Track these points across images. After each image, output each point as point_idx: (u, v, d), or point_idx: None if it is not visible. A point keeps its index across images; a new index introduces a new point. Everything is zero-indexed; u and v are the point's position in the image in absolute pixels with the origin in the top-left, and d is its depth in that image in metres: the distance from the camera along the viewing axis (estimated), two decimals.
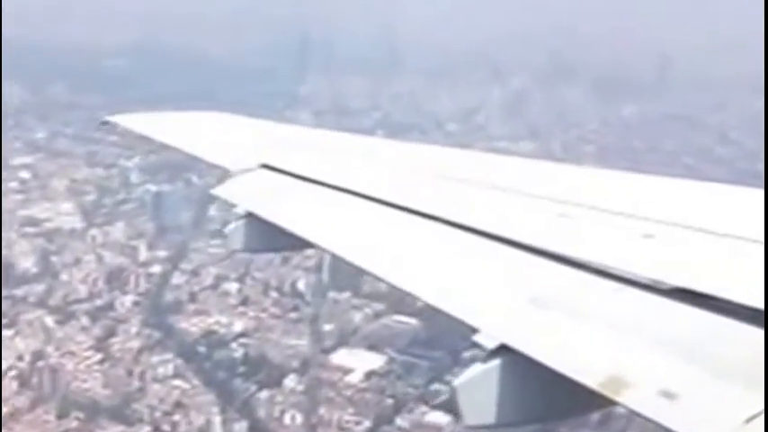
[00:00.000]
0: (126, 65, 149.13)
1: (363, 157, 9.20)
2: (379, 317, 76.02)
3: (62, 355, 68.44)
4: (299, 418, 65.08)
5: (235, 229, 8.17)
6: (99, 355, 68.72)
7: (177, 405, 64.97)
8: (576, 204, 6.33)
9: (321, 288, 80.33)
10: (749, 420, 3.65)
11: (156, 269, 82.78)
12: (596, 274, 5.04)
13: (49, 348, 69.13)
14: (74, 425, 61.26)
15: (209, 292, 79.87)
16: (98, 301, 75.97)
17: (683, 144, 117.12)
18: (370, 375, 69.11)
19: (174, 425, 62.74)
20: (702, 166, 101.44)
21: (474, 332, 4.75)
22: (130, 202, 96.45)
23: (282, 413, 65.50)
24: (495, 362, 4.67)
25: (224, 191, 9.04)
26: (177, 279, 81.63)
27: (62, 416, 61.76)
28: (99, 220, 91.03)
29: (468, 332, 4.57)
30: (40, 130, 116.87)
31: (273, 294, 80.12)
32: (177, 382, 66.95)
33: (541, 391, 4.63)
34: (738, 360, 3.96)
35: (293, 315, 77.79)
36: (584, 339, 4.56)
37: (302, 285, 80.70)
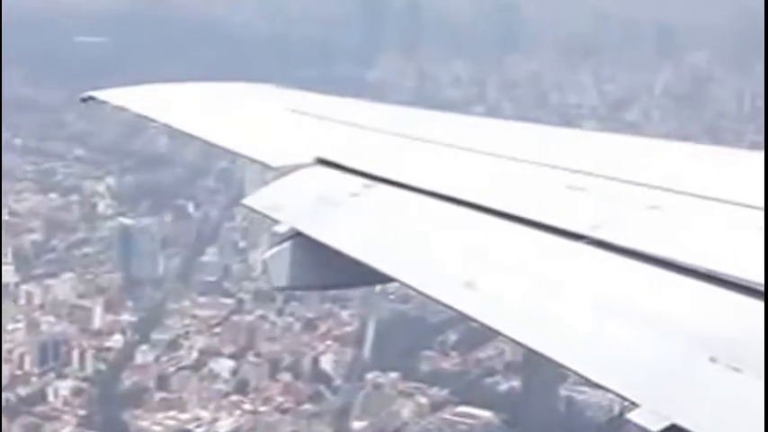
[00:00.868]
0: (104, 43, 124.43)
1: (462, 146, 7.01)
2: (438, 408, 63.27)
3: None
4: None
5: (279, 256, 6.16)
6: None
7: None
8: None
9: (357, 366, 68.36)
10: None
11: (116, 341, 69.24)
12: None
13: None
14: None
15: (188, 375, 66.31)
16: (23, 389, 62.27)
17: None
18: None
19: None
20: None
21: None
22: (91, 243, 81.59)
23: None
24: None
25: (260, 200, 6.83)
26: (144, 356, 68.33)
27: None
28: (39, 270, 75.78)
29: None
30: None
31: (285, 377, 66.46)
32: None
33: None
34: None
35: (311, 407, 63.96)
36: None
37: (328, 363, 68.30)
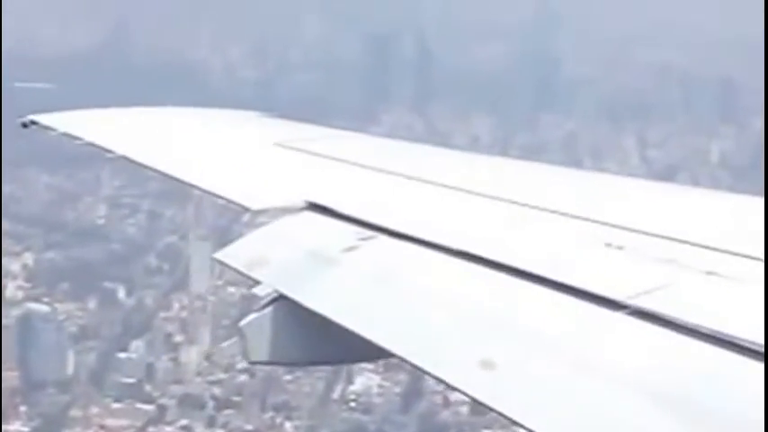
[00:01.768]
0: (50, 90, 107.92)
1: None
2: None
3: None
4: None
5: (257, 324, 5.48)
6: None
7: None
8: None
9: None
10: None
11: None
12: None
13: None
14: None
15: None
16: None
17: None
18: None
19: None
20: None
21: None
22: None
23: None
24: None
25: (236, 254, 6.12)
26: None
27: None
28: None
29: None
30: None
31: None
32: None
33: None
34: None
35: None
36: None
37: None
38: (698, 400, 3.58)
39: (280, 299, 5.34)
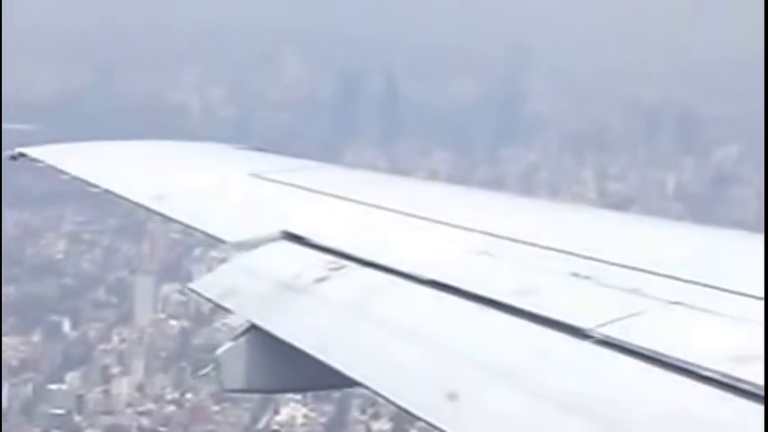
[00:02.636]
0: (34, 131, 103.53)
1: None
2: None
3: None
4: None
5: (232, 353, 5.71)
6: None
7: None
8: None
9: None
10: None
11: None
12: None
13: None
14: None
15: None
16: None
17: None
18: None
19: None
20: None
21: None
22: None
23: None
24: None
25: (211, 284, 6.26)
26: None
27: None
28: None
29: None
30: None
31: None
32: None
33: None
34: None
35: None
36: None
37: None
38: (660, 429, 3.59)
39: (253, 329, 5.47)
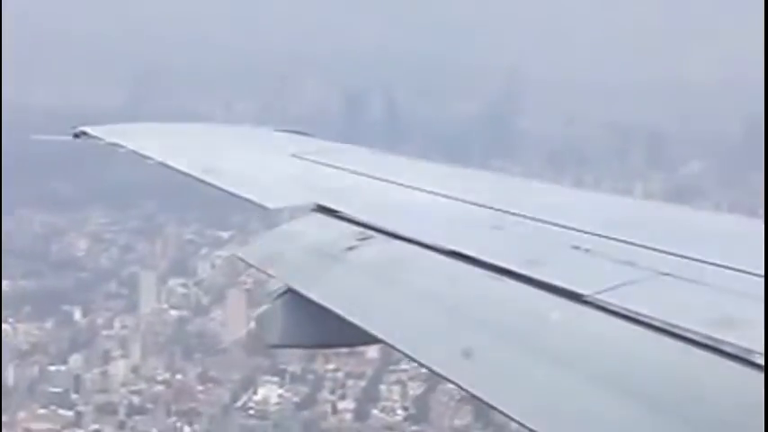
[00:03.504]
0: (68, 142, 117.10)
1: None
2: None
3: None
4: None
5: (270, 313, 6.15)
6: None
7: None
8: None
9: None
10: None
11: None
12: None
13: None
14: None
15: None
16: None
17: None
18: None
19: None
20: None
21: None
22: None
23: None
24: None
25: (254, 252, 6.54)
26: None
27: None
28: None
29: None
30: None
31: None
32: None
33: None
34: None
35: None
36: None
37: None
38: (649, 383, 3.76)
39: (289, 291, 5.86)
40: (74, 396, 68.36)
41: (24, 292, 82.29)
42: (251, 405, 67.05)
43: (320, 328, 5.67)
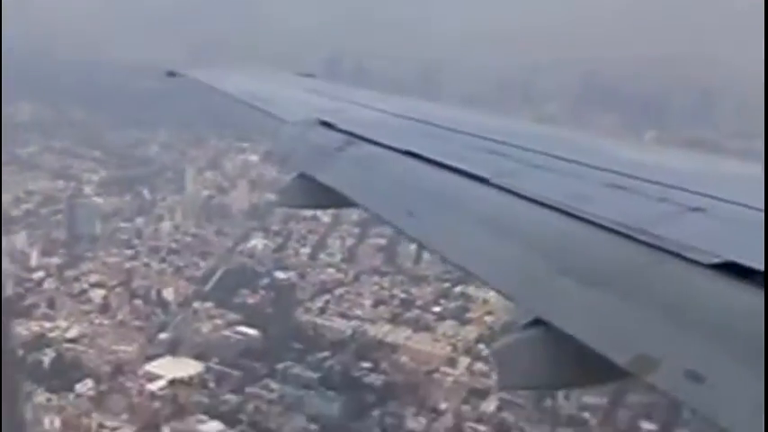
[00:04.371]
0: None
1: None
2: (224, 328, 72.72)
3: None
4: (57, 423, 61.47)
5: (292, 187, 7.78)
6: None
7: None
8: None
9: (189, 298, 78.01)
10: None
11: (39, 275, 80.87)
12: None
13: None
14: None
15: (71, 299, 77.27)
16: None
17: None
18: (174, 383, 65.48)
19: None
20: None
21: None
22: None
23: (47, 417, 61.93)
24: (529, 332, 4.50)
25: (277, 148, 9.02)
26: (49, 284, 79.75)
27: None
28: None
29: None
30: None
31: (137, 302, 77.44)
32: None
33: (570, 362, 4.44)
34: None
35: (138, 323, 74.93)
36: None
37: (171, 294, 78.63)
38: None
39: (300, 175, 7.39)
40: (135, 241, 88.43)
41: (115, 178, 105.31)
42: (242, 250, 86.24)
43: (322, 193, 7.02)
